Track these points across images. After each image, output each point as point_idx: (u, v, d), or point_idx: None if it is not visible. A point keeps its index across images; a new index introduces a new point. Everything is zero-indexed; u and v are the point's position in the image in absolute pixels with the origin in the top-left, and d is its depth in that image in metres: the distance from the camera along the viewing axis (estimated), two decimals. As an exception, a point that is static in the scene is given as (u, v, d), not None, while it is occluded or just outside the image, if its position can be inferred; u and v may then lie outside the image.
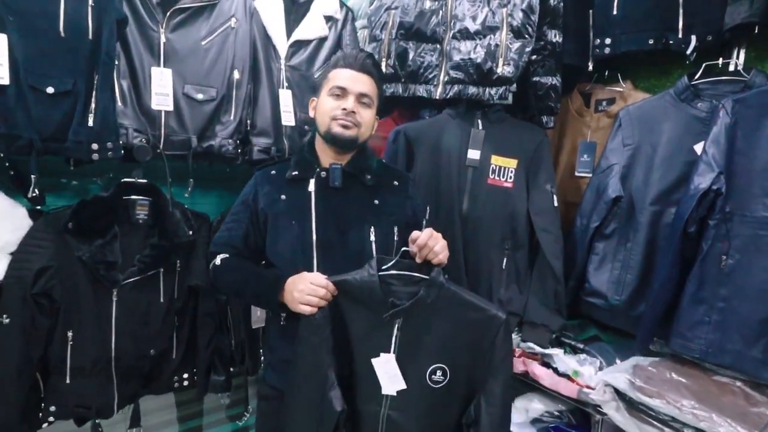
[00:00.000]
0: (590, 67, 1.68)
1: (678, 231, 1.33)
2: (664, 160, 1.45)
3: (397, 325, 1.14)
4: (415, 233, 1.15)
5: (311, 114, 1.37)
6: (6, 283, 1.34)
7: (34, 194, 1.38)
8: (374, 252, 1.27)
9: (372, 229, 1.28)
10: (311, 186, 1.29)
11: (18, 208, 1.40)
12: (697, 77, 1.46)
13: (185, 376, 1.71)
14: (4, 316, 1.33)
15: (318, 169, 1.31)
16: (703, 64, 1.44)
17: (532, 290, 1.61)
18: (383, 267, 1.16)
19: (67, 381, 1.45)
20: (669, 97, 1.49)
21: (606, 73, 1.73)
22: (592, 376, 1.43)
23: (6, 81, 1.25)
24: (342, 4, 1.95)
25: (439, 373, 1.15)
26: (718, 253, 1.28)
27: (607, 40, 1.59)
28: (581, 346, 1.55)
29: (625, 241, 1.52)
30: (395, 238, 1.32)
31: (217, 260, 1.29)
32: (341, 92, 1.27)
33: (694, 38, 1.43)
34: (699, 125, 1.40)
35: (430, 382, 1.15)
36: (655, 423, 1.26)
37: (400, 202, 1.37)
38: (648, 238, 1.47)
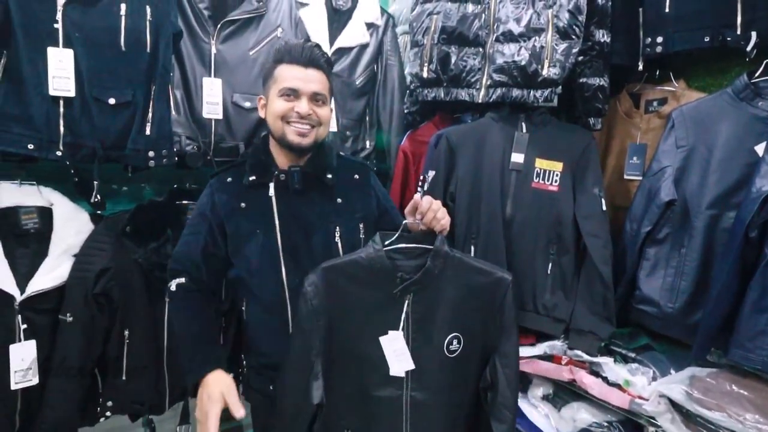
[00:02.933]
0: (640, 67, 1.61)
1: (739, 236, 1.26)
2: (721, 162, 1.39)
3: (407, 301, 1.11)
4: (414, 202, 1.11)
5: (261, 114, 1.28)
6: (70, 283, 1.41)
7: (96, 199, 1.46)
8: (341, 252, 1.25)
9: (337, 228, 1.26)
10: (271, 191, 1.24)
11: (81, 213, 1.49)
12: (757, 75, 1.38)
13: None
14: (68, 314, 1.40)
15: (276, 172, 1.25)
16: (765, 62, 1.37)
17: (580, 297, 1.57)
18: (386, 243, 1.13)
19: (123, 378, 1.52)
20: (727, 96, 1.42)
21: (657, 73, 1.66)
22: (644, 386, 1.38)
23: (72, 93, 1.34)
24: (383, 11, 1.97)
25: (455, 342, 1.13)
26: (783, 260, 1.21)
27: (659, 39, 1.53)
28: (632, 355, 1.49)
29: (679, 246, 1.46)
30: (361, 235, 1.29)
31: (173, 285, 1.23)
32: (293, 93, 1.19)
33: (754, 35, 1.35)
34: (760, 125, 1.33)
35: (447, 353, 1.13)
36: (714, 437, 1.21)
37: (363, 196, 1.34)
38: (704, 243, 1.40)
